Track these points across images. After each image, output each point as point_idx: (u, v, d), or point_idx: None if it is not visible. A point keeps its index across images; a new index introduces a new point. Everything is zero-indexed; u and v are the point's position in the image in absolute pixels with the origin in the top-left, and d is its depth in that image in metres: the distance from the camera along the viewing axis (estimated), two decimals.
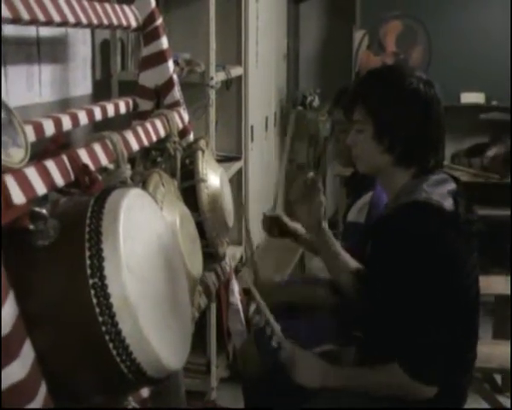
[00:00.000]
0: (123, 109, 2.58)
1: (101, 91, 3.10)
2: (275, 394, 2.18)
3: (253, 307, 2.86)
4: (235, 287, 2.69)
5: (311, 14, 5.97)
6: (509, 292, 3.42)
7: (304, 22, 6.00)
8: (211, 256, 2.34)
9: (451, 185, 1.85)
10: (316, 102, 5.70)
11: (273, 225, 2.65)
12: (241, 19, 3.74)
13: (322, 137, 5.53)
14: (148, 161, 2.44)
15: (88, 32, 2.97)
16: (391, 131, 1.85)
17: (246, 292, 2.84)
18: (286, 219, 2.62)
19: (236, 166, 3.70)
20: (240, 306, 2.68)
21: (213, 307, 2.96)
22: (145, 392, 1.65)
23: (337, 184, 5.18)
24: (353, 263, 2.08)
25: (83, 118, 2.26)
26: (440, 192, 1.80)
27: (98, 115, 2.36)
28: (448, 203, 1.79)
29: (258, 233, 4.13)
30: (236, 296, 2.67)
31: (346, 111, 2.00)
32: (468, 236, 1.82)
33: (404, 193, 1.84)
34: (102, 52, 3.19)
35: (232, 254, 3.24)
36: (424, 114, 1.85)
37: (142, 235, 1.44)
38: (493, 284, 3.49)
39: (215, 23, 3.08)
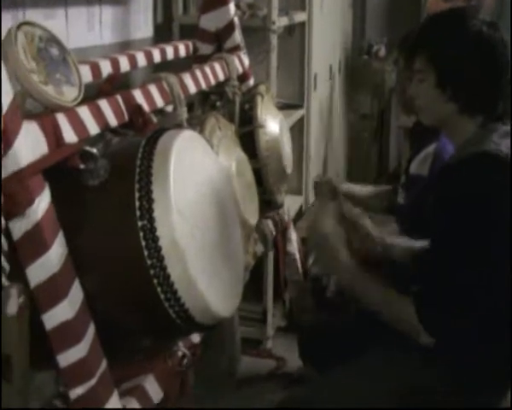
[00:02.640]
0: (182, 52, 2.53)
1: (162, 35, 3.06)
2: (329, 345, 2.14)
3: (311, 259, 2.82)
4: (293, 236, 2.65)
5: None
6: None
7: None
8: (268, 204, 2.30)
9: None
10: (382, 52, 5.54)
11: (325, 190, 2.54)
12: None
13: (387, 88, 5.39)
14: (206, 106, 2.40)
15: None
16: (454, 77, 1.75)
17: (303, 241, 2.80)
18: (336, 183, 2.51)
19: (298, 114, 3.62)
20: (297, 255, 2.64)
21: (270, 255, 2.92)
22: (196, 338, 1.63)
23: (401, 135, 5.06)
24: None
25: (141, 59, 2.22)
26: (508, 144, 1.71)
27: (157, 57, 2.32)
28: None
29: None
30: (294, 246, 2.63)
31: (407, 60, 1.91)
32: None
33: (473, 143, 1.75)
34: None
35: (291, 203, 3.18)
36: (489, 58, 1.75)
37: (195, 178, 1.41)
38: None
39: None
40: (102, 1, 2.57)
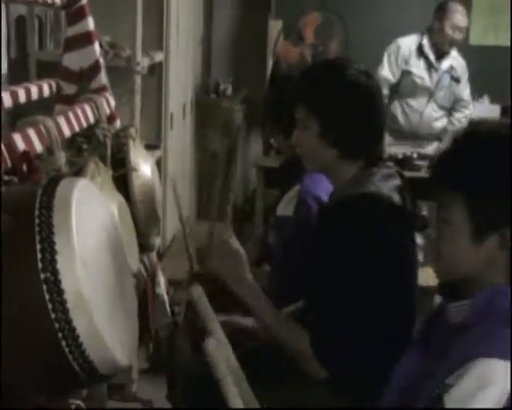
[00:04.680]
0: (47, 92, 2.47)
1: (17, 72, 2.97)
2: (209, 385, 2.13)
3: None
4: (161, 278, 2.64)
5: (225, 0, 5.92)
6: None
7: (217, 9, 5.94)
8: (141, 248, 2.28)
9: (397, 181, 1.86)
10: (229, 91, 5.67)
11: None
12: (162, 1, 3.65)
13: (235, 126, 5.51)
14: (73, 149, 2.35)
15: (2, 6, 2.82)
16: (335, 126, 1.84)
17: (170, 283, 2.80)
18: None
19: (156, 155, 3.62)
20: (165, 297, 2.63)
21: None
22: (85, 390, 1.58)
23: (253, 173, 5.16)
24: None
25: (7, 100, 2.15)
26: (388, 186, 1.81)
27: (22, 98, 2.25)
28: (396, 198, 1.80)
29: (174, 223, 4.08)
30: (162, 288, 2.62)
31: (288, 111, 1.97)
32: (413, 230, 1.84)
33: (352, 185, 1.83)
34: (18, 29, 3.04)
35: None
36: (367, 105, 1.85)
37: (93, 227, 1.38)
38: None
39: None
40: None
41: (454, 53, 4.51)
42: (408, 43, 4.45)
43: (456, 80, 4.51)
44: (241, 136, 5.74)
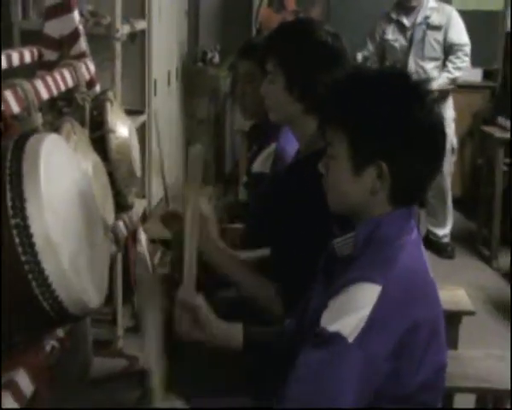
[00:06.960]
0: (28, 59, 2.56)
1: (1, 41, 3.04)
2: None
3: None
4: (142, 236, 2.74)
5: None
6: None
7: None
8: (119, 206, 2.39)
9: None
10: (216, 59, 5.74)
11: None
12: None
13: (222, 93, 5.58)
14: (54, 111, 2.45)
15: None
16: (301, 81, 1.94)
17: (152, 242, 2.91)
18: None
19: (140, 119, 3.71)
20: (147, 254, 2.74)
21: (119, 256, 2.99)
22: (60, 332, 1.69)
23: (238, 138, 5.27)
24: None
25: None
26: None
27: (4, 64, 2.34)
28: None
29: (160, 187, 4.17)
30: (143, 246, 2.73)
31: (259, 62, 2.06)
32: None
33: (316, 141, 1.91)
34: None
35: (135, 206, 3.26)
36: (332, 65, 1.95)
37: (61, 178, 1.49)
38: None
39: None
40: None
41: (432, 4, 4.57)
42: (382, 18, 4.65)
43: (436, 28, 4.52)
44: (228, 102, 5.82)
